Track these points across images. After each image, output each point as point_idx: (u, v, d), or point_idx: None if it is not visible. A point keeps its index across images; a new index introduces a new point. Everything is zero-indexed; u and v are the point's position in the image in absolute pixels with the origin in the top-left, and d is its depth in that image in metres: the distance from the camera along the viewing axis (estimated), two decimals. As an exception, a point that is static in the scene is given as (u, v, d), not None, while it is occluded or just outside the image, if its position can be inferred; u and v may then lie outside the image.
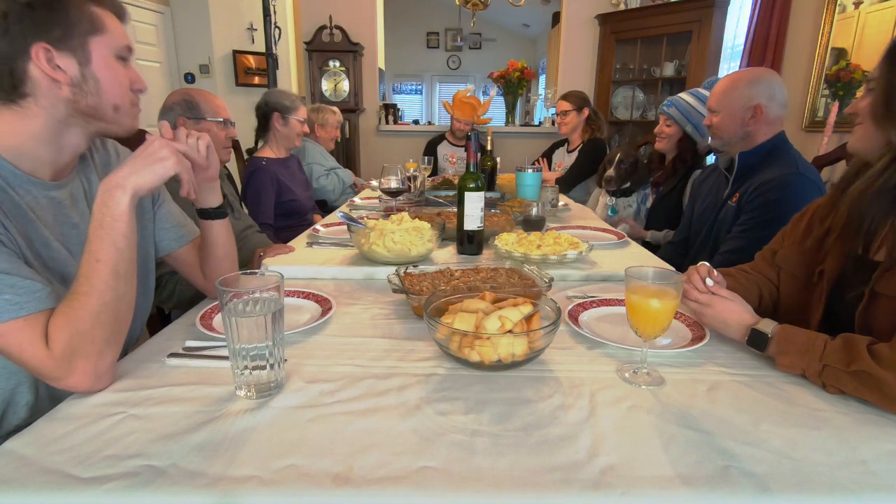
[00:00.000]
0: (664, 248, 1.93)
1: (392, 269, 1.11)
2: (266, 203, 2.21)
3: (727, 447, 0.62)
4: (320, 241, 1.57)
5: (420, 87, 10.00)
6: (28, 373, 0.78)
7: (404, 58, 9.19)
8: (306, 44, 4.61)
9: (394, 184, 1.86)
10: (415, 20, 9.09)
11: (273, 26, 3.41)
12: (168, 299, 1.50)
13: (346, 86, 4.65)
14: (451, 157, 3.60)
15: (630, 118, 4.46)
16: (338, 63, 4.62)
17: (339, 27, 4.55)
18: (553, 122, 4.82)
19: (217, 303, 1.00)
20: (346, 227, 1.54)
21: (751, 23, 3.61)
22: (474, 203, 1.38)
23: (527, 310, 0.81)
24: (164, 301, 1.51)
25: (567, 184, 2.94)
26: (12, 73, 0.76)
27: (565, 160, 3.18)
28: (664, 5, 4.06)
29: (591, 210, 2.44)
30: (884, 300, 0.81)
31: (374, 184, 2.86)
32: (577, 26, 4.53)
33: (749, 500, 0.55)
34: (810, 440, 0.64)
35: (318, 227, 1.77)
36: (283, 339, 0.75)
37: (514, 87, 4.75)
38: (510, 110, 4.94)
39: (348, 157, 4.63)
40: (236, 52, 4.43)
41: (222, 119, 1.68)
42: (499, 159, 2.53)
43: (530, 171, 2.10)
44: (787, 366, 0.79)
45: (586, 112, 3.05)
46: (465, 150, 1.43)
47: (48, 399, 0.84)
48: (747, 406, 0.72)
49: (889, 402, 0.69)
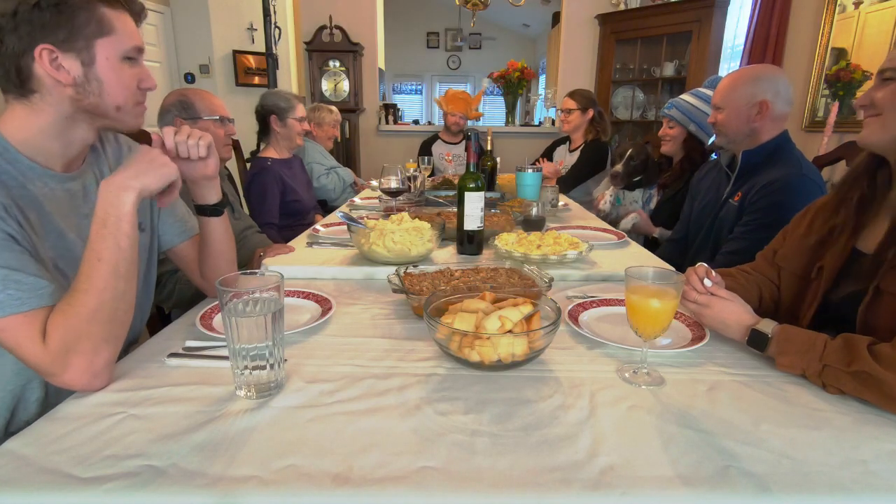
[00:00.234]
0: (663, 247, 1.93)
1: (392, 269, 1.11)
2: (271, 203, 2.22)
3: (727, 447, 0.62)
4: (320, 241, 1.57)
5: (420, 87, 10.00)
6: None
7: (404, 58, 9.19)
8: (306, 44, 4.61)
9: (394, 184, 1.86)
10: (415, 20, 9.09)
11: (273, 26, 3.41)
12: (168, 299, 1.50)
13: (346, 86, 4.65)
14: (446, 156, 3.58)
15: (630, 118, 4.46)
16: (338, 63, 4.62)
17: (339, 27, 4.55)
18: (553, 122, 4.82)
19: (217, 303, 1.00)
20: (346, 227, 1.54)
21: (751, 23, 3.61)
22: (474, 203, 1.38)
23: (527, 310, 0.81)
24: (163, 300, 1.51)
25: (568, 184, 2.94)
26: (19, 71, 0.78)
27: (566, 158, 3.17)
28: (664, 5, 4.06)
29: (597, 197, 2.43)
30: (888, 298, 0.81)
31: (374, 184, 2.86)
32: (577, 26, 4.53)
33: (749, 500, 0.55)
34: (810, 440, 0.64)
35: (318, 227, 1.77)
36: (283, 339, 0.75)
37: (514, 87, 4.75)
38: (510, 110, 4.94)
39: (348, 157, 4.64)
40: (236, 52, 4.43)
41: (218, 117, 1.67)
42: (499, 159, 2.53)
43: (530, 171, 2.10)
44: (787, 366, 0.79)
45: (591, 113, 3.02)
46: (466, 149, 1.43)
47: (58, 395, 0.84)
48: (747, 406, 0.72)
49: (889, 402, 0.69)
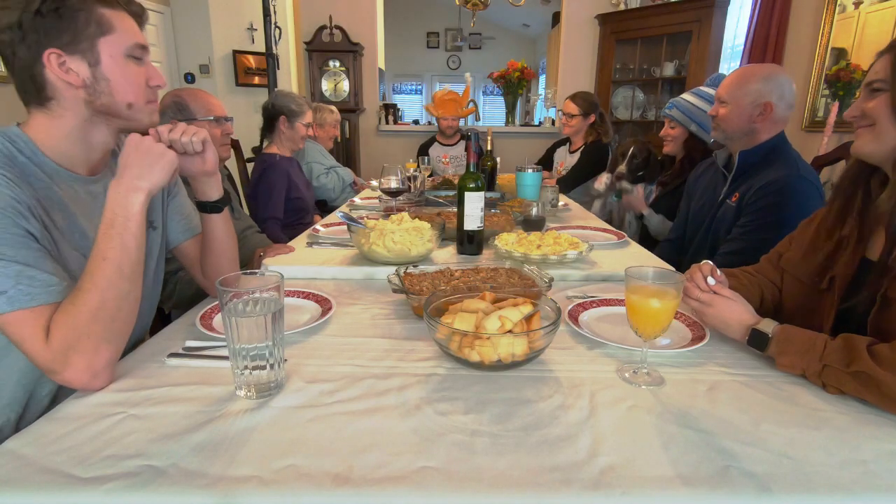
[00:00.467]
0: (660, 247, 1.93)
1: (392, 269, 1.11)
2: (277, 197, 2.25)
3: (727, 447, 0.62)
4: (320, 241, 1.57)
5: (420, 87, 10.00)
6: None
7: (404, 58, 9.19)
8: (306, 44, 4.61)
9: (394, 184, 1.86)
10: (415, 20, 9.09)
11: (273, 26, 3.41)
12: (168, 299, 1.50)
13: (346, 86, 4.65)
14: (443, 158, 3.61)
15: (630, 118, 4.46)
16: (338, 63, 4.62)
17: (339, 27, 4.55)
18: (553, 122, 4.82)
19: (217, 303, 1.00)
20: (346, 227, 1.54)
21: (751, 23, 3.61)
22: (474, 203, 1.38)
23: (527, 310, 0.81)
24: (164, 300, 1.51)
25: (567, 185, 2.94)
26: (34, 79, 0.81)
27: (567, 160, 3.18)
28: (664, 5, 4.06)
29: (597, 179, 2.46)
30: None
31: (374, 184, 2.86)
32: (577, 26, 4.53)
33: (749, 500, 0.55)
34: (810, 440, 0.64)
35: (318, 227, 1.77)
36: (283, 339, 0.75)
37: (514, 87, 4.74)
38: (510, 110, 4.93)
39: (348, 157, 4.63)
40: (236, 52, 4.43)
41: (213, 117, 1.67)
42: (499, 159, 2.52)
43: (530, 171, 2.10)
44: (787, 366, 0.79)
45: (592, 118, 3.03)
46: (466, 149, 1.43)
47: (69, 390, 0.84)
48: (747, 406, 0.72)
49: (889, 403, 0.69)
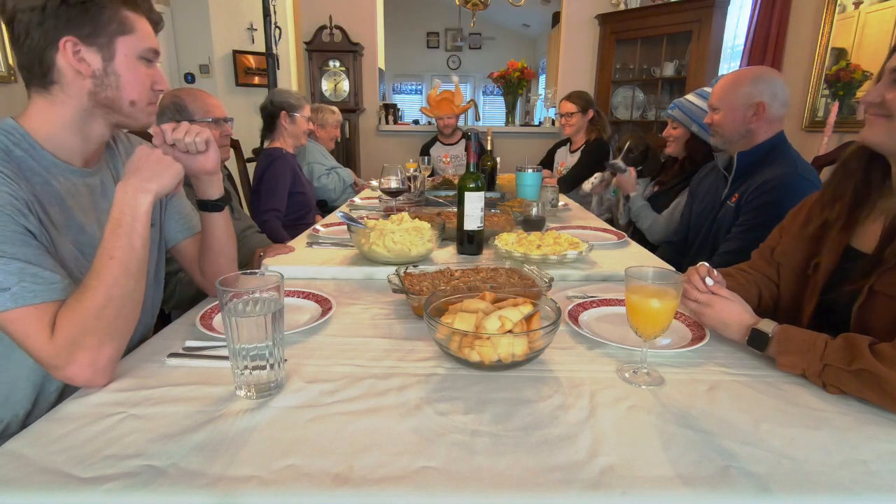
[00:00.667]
0: (662, 249, 1.93)
1: (392, 269, 1.11)
2: (281, 190, 2.24)
3: (727, 447, 0.62)
4: (320, 241, 1.57)
5: (420, 87, 9.99)
6: None
7: (404, 58, 9.18)
8: (306, 44, 4.61)
9: (394, 184, 1.86)
10: (415, 20, 9.08)
11: (273, 26, 3.40)
12: (169, 299, 1.50)
13: (346, 86, 4.65)
14: (444, 157, 3.64)
15: (630, 118, 4.46)
16: (338, 63, 4.62)
17: (339, 27, 4.55)
18: (553, 122, 4.82)
19: (217, 303, 1.00)
20: (346, 227, 1.54)
21: (751, 23, 3.61)
22: (474, 203, 1.38)
23: (527, 310, 0.81)
24: (164, 301, 1.50)
25: (568, 184, 2.94)
26: (41, 62, 0.82)
27: (567, 160, 3.18)
28: (664, 5, 4.06)
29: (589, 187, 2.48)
30: (883, 298, 0.81)
31: (374, 184, 2.86)
32: (577, 26, 4.53)
33: (749, 500, 0.55)
34: (810, 440, 0.64)
35: (318, 227, 1.77)
36: (283, 339, 0.75)
37: (514, 87, 4.74)
38: (510, 110, 4.93)
39: (348, 157, 4.63)
40: (236, 52, 4.42)
41: (212, 119, 1.67)
42: (499, 159, 2.53)
43: (530, 171, 2.10)
44: (788, 365, 0.79)
45: (591, 113, 3.05)
46: (466, 149, 1.43)
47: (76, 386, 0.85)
48: (747, 406, 0.72)
49: (891, 401, 0.69)
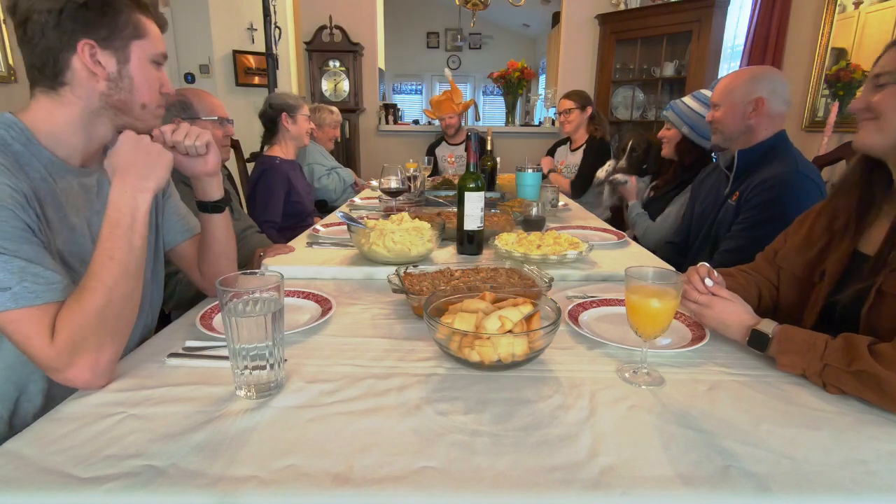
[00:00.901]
0: (663, 249, 1.93)
1: (392, 269, 1.11)
2: (276, 201, 2.22)
3: (727, 447, 0.62)
4: (320, 241, 1.57)
5: (420, 87, 9.99)
6: None
7: (404, 58, 9.17)
8: (306, 44, 4.61)
9: (394, 184, 1.86)
10: (415, 20, 9.08)
11: (273, 26, 3.40)
12: (168, 299, 1.50)
13: (346, 86, 4.65)
14: (449, 157, 3.66)
15: (630, 118, 4.45)
16: (338, 63, 4.62)
17: (339, 27, 4.55)
18: (553, 122, 4.82)
19: (217, 303, 1.00)
20: (346, 227, 1.54)
21: (751, 23, 3.60)
22: (474, 203, 1.38)
23: (527, 310, 0.81)
24: (164, 301, 1.50)
25: (581, 188, 2.93)
26: (55, 63, 0.82)
27: (568, 158, 3.18)
28: (664, 5, 4.06)
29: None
30: (890, 299, 0.80)
31: (374, 184, 2.86)
32: (577, 26, 4.53)
33: (749, 500, 0.55)
34: (810, 440, 0.64)
35: (318, 227, 1.77)
36: (283, 339, 0.75)
37: (514, 87, 4.74)
38: (510, 110, 4.93)
39: (348, 157, 4.63)
40: (236, 52, 4.42)
41: (217, 118, 1.67)
42: (499, 159, 2.53)
43: (530, 171, 2.10)
44: (788, 365, 0.79)
45: (589, 110, 3.05)
46: (466, 149, 1.44)
47: (61, 385, 0.84)
48: (747, 406, 0.72)
49: (890, 402, 0.69)
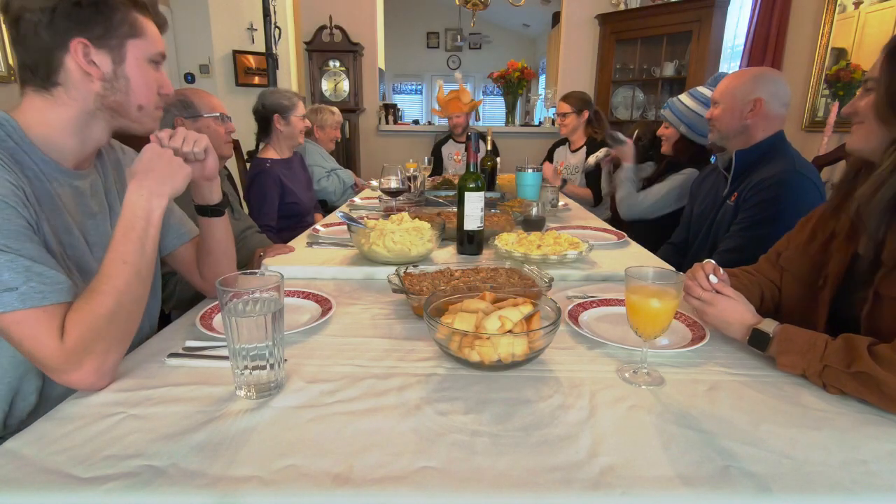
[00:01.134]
0: (663, 249, 1.93)
1: (392, 269, 1.11)
2: (270, 205, 2.20)
3: (727, 447, 0.62)
4: (320, 241, 1.56)
5: (420, 87, 9.99)
6: None
7: (404, 58, 9.18)
8: (306, 44, 4.61)
9: (394, 184, 1.86)
10: (415, 20, 9.08)
11: (273, 26, 3.40)
12: (168, 299, 1.50)
13: (346, 86, 4.65)
14: (455, 155, 3.69)
15: (630, 118, 4.46)
16: (338, 63, 4.62)
17: (339, 27, 4.55)
18: (553, 122, 4.82)
19: (217, 303, 1.00)
20: (346, 227, 1.54)
21: (751, 23, 3.61)
22: (474, 203, 1.38)
23: (527, 310, 0.81)
24: (164, 301, 1.51)
25: (599, 194, 2.92)
26: (49, 63, 0.80)
27: (567, 158, 3.18)
28: (664, 5, 4.06)
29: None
30: (888, 302, 0.81)
31: (375, 184, 2.86)
32: (577, 26, 4.53)
33: (749, 500, 0.55)
34: (810, 440, 0.64)
35: (318, 227, 1.77)
36: (283, 339, 0.75)
37: (514, 87, 4.74)
38: (510, 110, 4.93)
39: (348, 157, 4.63)
40: (236, 52, 4.42)
41: (219, 114, 1.67)
42: (499, 159, 2.53)
43: (530, 171, 2.10)
44: (788, 366, 0.79)
45: (586, 114, 3.04)
46: (466, 149, 1.44)
47: (55, 385, 0.83)
48: (747, 406, 0.72)
49: (889, 403, 0.69)
